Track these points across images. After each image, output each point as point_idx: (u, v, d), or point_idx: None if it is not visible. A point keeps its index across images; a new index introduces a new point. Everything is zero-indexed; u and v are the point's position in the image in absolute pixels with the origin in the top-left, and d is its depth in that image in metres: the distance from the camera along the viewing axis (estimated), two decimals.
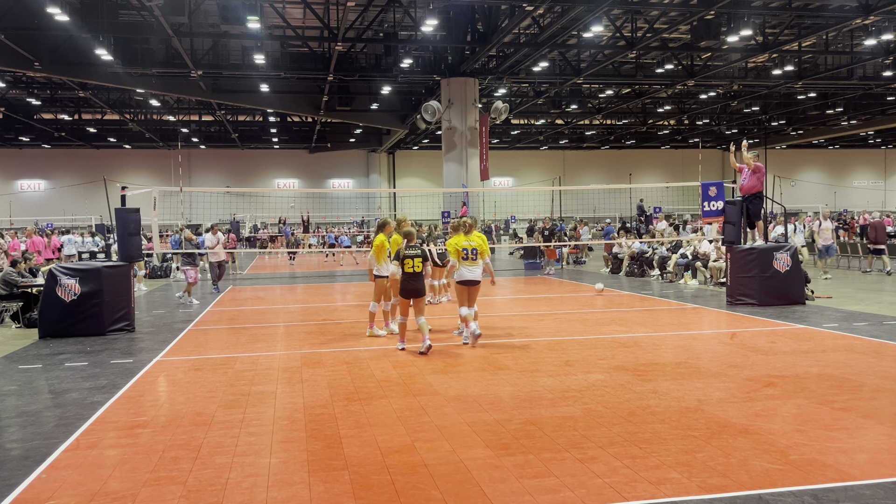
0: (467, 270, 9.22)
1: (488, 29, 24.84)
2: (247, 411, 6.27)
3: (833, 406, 6.06)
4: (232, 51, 29.72)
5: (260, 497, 4.34)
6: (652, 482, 4.42)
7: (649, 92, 36.84)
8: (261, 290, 18.17)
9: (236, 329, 11.31)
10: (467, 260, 9.21)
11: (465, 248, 9.22)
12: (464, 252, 9.19)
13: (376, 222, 10.21)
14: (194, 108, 42.57)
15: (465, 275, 9.21)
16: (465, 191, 27.67)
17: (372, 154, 54.18)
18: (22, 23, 22.31)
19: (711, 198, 13.60)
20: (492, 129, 39.51)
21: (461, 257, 9.21)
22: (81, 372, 8.04)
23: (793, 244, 12.98)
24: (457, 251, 9.26)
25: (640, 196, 39.16)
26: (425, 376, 7.51)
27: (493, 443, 5.25)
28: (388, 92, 35.61)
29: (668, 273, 18.03)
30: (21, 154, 49.71)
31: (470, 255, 9.24)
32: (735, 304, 12.64)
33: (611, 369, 7.65)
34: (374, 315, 10.24)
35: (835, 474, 4.50)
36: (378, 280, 10.04)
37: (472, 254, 9.25)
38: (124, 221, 11.37)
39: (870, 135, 53.61)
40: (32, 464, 5.01)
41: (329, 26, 24.17)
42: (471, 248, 9.23)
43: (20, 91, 35.98)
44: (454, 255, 9.31)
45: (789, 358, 8.07)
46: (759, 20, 25.08)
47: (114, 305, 10.86)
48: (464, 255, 9.20)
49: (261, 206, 49.19)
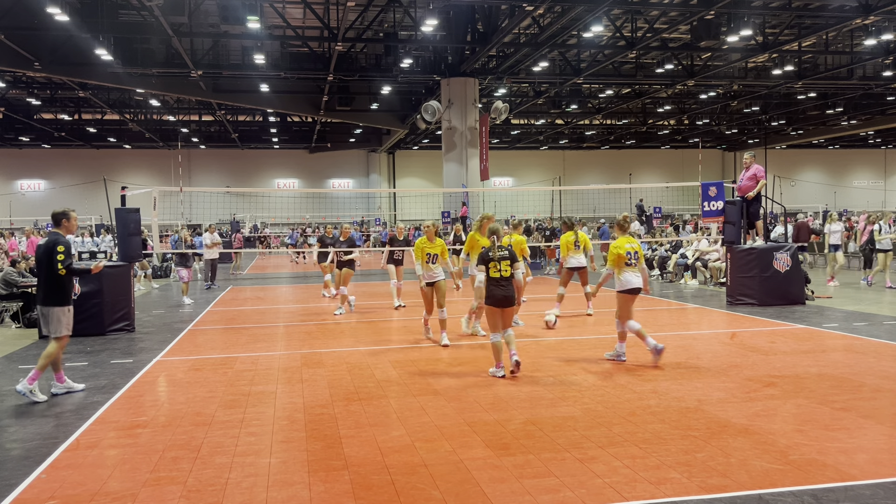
0: (496, 287, 7.48)
1: (488, 29, 24.84)
2: (247, 411, 6.27)
3: (833, 406, 6.05)
4: (232, 51, 29.72)
5: (260, 497, 4.34)
6: (652, 482, 4.42)
7: (649, 92, 36.84)
8: (261, 290, 18.17)
9: (236, 329, 11.31)
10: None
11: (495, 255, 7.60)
12: (495, 266, 7.50)
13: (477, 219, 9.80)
14: (194, 108, 42.57)
15: (495, 291, 7.48)
16: (465, 191, 27.68)
17: (372, 154, 54.18)
18: (22, 23, 22.30)
19: (711, 198, 13.59)
20: (492, 129, 39.52)
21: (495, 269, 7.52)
22: (81, 372, 8.04)
23: (886, 243, 12.88)
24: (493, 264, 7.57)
25: (640, 196, 39.16)
26: (425, 376, 7.51)
27: (493, 443, 5.25)
28: (388, 92, 35.60)
29: (668, 273, 18.03)
30: (21, 154, 49.70)
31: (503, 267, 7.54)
32: (735, 304, 12.64)
33: (611, 369, 7.65)
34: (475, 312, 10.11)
35: (835, 474, 4.50)
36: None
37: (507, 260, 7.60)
38: (124, 221, 11.38)
39: (870, 135, 53.60)
40: (32, 464, 5.01)
41: (329, 26, 24.17)
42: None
43: (20, 91, 35.98)
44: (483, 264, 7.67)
45: (789, 358, 8.07)
46: (759, 20, 25.09)
47: (114, 305, 10.87)
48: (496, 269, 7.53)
49: (261, 206, 49.20)
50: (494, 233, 7.69)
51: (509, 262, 7.48)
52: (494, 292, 7.42)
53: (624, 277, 7.93)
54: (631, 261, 7.93)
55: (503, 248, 7.57)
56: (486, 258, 7.53)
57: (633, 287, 7.93)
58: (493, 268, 7.46)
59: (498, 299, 7.40)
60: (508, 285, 7.45)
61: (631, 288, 7.93)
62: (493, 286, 7.44)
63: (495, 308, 7.44)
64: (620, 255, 7.93)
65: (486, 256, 7.54)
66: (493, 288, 7.44)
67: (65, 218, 7.37)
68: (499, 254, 7.49)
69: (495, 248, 7.53)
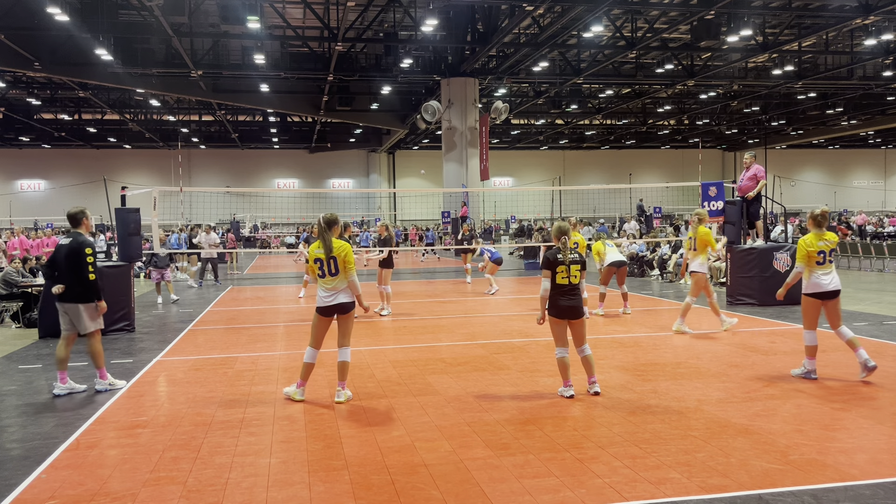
0: (562, 296, 6.46)
1: (488, 29, 24.85)
2: (247, 411, 6.27)
3: (833, 406, 6.06)
4: (232, 51, 29.75)
5: (260, 497, 4.34)
6: (652, 482, 4.42)
7: (649, 92, 36.85)
8: (261, 290, 18.18)
9: (236, 329, 11.31)
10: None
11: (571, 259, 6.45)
12: (564, 272, 6.42)
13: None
14: (194, 108, 42.59)
15: (561, 302, 6.46)
16: (465, 191, 27.69)
17: (372, 154, 54.20)
18: (22, 23, 22.32)
19: (711, 198, 13.59)
20: (492, 129, 39.52)
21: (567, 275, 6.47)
22: (81, 372, 8.03)
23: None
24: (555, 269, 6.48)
25: (640, 196, 39.18)
26: (425, 376, 7.51)
27: (493, 443, 5.25)
28: (388, 92, 35.62)
29: (668, 273, 18.03)
30: (21, 154, 49.72)
31: (572, 273, 6.44)
32: (735, 304, 12.64)
33: (611, 369, 7.65)
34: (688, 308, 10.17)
35: (835, 474, 4.50)
36: (696, 275, 9.91)
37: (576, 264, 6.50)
38: (124, 221, 11.38)
39: (870, 135, 53.63)
40: (32, 464, 5.01)
41: (329, 26, 24.18)
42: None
43: (20, 91, 36.00)
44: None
45: (789, 358, 8.07)
46: (759, 20, 25.11)
47: (114, 305, 10.84)
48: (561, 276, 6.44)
49: (261, 206, 49.20)
50: (564, 233, 6.52)
51: (580, 267, 6.48)
52: (559, 302, 6.41)
53: (812, 278, 6.97)
54: (823, 260, 6.93)
55: (574, 250, 6.54)
56: (555, 261, 6.40)
57: (820, 291, 6.93)
58: (561, 273, 6.39)
59: (563, 310, 6.41)
60: (577, 295, 6.48)
61: (818, 292, 6.94)
62: (559, 295, 6.41)
63: (560, 320, 6.48)
64: (810, 253, 6.93)
65: (555, 259, 6.41)
66: (558, 297, 6.42)
67: (85, 217, 7.41)
68: (570, 256, 6.42)
69: (567, 251, 6.43)
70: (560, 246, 6.46)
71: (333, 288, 6.47)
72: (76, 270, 7.00)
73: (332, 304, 6.47)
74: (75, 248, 7.04)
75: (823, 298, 6.95)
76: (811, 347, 7.01)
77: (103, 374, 7.18)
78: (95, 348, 7.13)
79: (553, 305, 6.42)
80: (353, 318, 6.66)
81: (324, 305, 6.50)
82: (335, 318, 6.60)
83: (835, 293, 6.96)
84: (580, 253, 6.60)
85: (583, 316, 6.51)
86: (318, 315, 6.57)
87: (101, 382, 7.14)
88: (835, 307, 6.97)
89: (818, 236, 7.02)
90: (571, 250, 6.45)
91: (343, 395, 6.52)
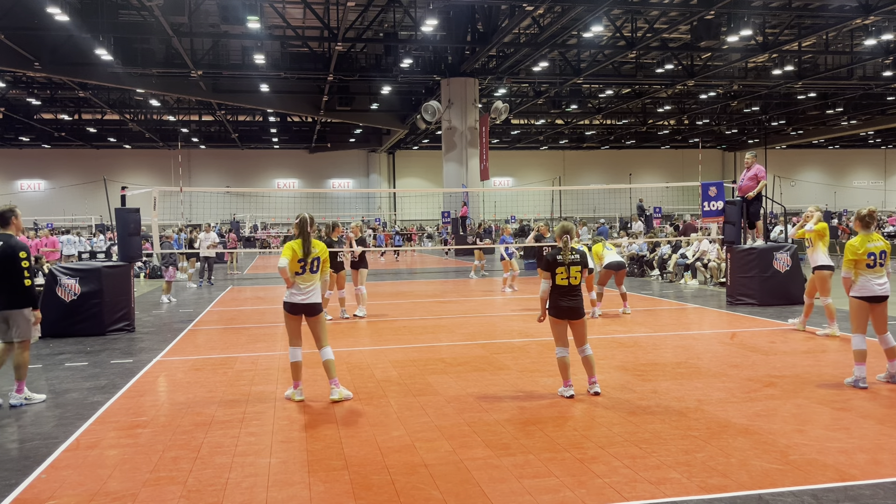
0: (562, 297, 6.46)
1: (488, 29, 24.86)
2: (247, 411, 6.27)
3: (833, 406, 6.05)
4: (232, 51, 29.76)
5: (260, 497, 4.34)
6: (652, 482, 4.42)
7: (649, 92, 36.87)
8: (261, 290, 18.18)
9: (236, 329, 11.31)
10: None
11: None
12: (563, 272, 6.41)
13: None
14: (194, 108, 42.61)
15: (561, 302, 6.46)
16: (465, 191, 27.70)
17: (372, 154, 54.22)
18: (22, 23, 22.33)
19: (711, 198, 13.59)
20: (492, 129, 39.54)
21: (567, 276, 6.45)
22: (81, 372, 8.04)
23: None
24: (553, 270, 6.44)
25: (640, 196, 39.17)
26: (425, 376, 7.51)
27: (493, 443, 5.25)
28: (388, 92, 35.64)
29: (668, 273, 18.04)
30: (21, 154, 49.72)
31: (573, 276, 6.44)
32: (735, 304, 12.64)
33: (611, 369, 7.65)
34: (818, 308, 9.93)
35: (835, 474, 4.50)
36: (819, 272, 9.35)
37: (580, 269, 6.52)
38: (124, 221, 11.38)
39: (870, 135, 53.66)
40: (32, 464, 5.01)
41: (329, 26, 24.19)
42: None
43: (20, 91, 36.02)
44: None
45: (789, 358, 8.07)
46: (759, 20, 25.12)
47: (114, 305, 10.87)
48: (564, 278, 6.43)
49: (261, 206, 49.20)
50: (567, 232, 6.41)
51: (580, 269, 6.42)
52: (560, 302, 6.37)
53: (861, 280, 6.67)
54: (874, 263, 6.62)
55: (575, 250, 6.44)
56: (554, 262, 6.36)
57: (871, 294, 6.63)
58: (560, 274, 6.33)
59: (563, 310, 6.37)
60: (578, 295, 6.42)
61: (869, 295, 6.64)
62: (559, 296, 6.37)
63: (560, 320, 6.44)
64: (858, 257, 6.63)
65: (555, 260, 6.37)
66: (558, 298, 6.38)
67: (14, 216, 6.57)
68: (570, 257, 6.34)
69: (567, 251, 6.35)
70: (561, 245, 6.40)
71: (311, 286, 6.54)
72: (8, 278, 6.32)
73: (305, 303, 6.52)
74: (8, 254, 6.29)
75: (872, 302, 6.68)
76: (860, 352, 6.67)
77: (21, 388, 6.57)
78: (25, 358, 6.56)
79: (553, 306, 6.42)
80: (323, 319, 6.73)
81: (296, 303, 6.51)
82: (304, 320, 6.62)
83: (884, 298, 6.69)
84: (582, 253, 6.50)
85: (583, 316, 6.49)
86: (287, 314, 6.62)
87: (17, 396, 6.55)
88: (882, 312, 6.73)
89: (866, 238, 6.70)
90: (572, 251, 6.40)
91: (338, 392, 6.50)
